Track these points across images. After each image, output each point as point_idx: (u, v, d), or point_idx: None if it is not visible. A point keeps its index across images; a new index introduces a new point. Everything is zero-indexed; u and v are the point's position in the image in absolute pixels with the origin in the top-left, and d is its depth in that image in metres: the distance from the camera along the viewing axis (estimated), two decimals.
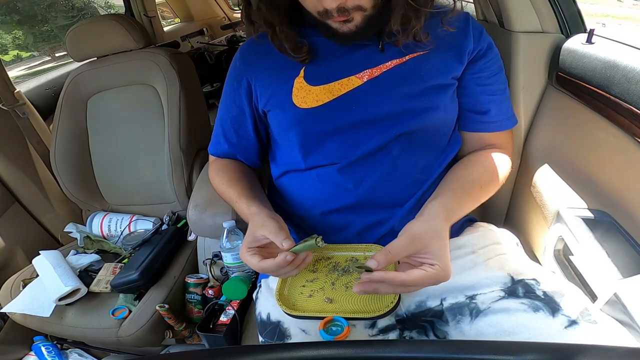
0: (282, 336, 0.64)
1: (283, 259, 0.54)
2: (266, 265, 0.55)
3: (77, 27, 1.24)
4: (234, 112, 0.75)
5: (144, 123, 1.29)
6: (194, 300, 1.06)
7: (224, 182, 0.74)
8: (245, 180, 0.73)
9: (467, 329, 0.58)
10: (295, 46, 0.65)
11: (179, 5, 3.20)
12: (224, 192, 0.74)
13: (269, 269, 0.56)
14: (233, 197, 0.70)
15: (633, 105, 0.59)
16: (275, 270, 0.56)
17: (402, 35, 0.61)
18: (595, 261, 0.62)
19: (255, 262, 0.56)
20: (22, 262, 1.33)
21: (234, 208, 0.71)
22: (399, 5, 0.57)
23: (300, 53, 0.65)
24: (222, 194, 0.75)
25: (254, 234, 0.59)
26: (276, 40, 0.66)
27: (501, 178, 0.67)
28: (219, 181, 0.75)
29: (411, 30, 0.60)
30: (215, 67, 2.59)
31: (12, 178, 1.38)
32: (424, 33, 0.61)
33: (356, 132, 0.66)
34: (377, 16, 0.60)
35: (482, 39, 0.66)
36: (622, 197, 0.64)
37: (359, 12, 0.58)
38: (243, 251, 0.58)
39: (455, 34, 0.65)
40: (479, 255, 0.66)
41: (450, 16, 0.62)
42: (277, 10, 0.62)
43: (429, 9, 0.59)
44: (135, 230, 1.26)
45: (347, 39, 0.62)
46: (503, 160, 0.68)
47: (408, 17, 0.59)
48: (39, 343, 1.14)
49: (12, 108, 1.39)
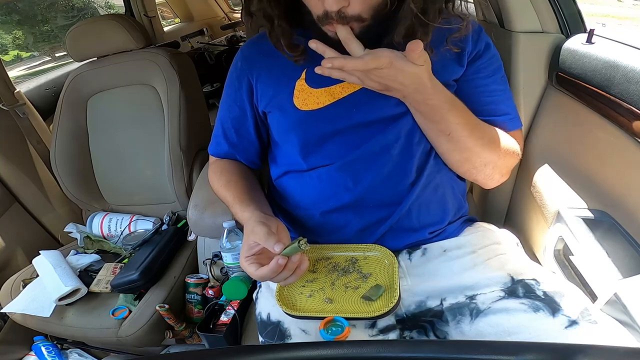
0: (282, 336, 0.63)
1: (275, 264, 0.54)
2: (263, 273, 0.55)
3: (77, 27, 1.24)
4: (235, 113, 0.75)
5: (144, 123, 1.29)
6: (194, 300, 1.06)
7: (222, 185, 0.74)
8: (243, 183, 0.73)
9: (467, 329, 0.58)
10: (290, 43, 0.64)
11: (179, 5, 3.20)
12: (222, 195, 0.74)
13: (266, 275, 0.56)
14: (230, 200, 0.71)
15: (633, 105, 0.59)
16: (272, 276, 0.56)
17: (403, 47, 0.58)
18: (595, 261, 0.62)
19: (253, 270, 0.57)
20: (22, 262, 1.33)
21: (231, 212, 0.71)
22: (407, 17, 0.55)
23: (295, 51, 0.64)
24: (220, 196, 0.76)
25: (247, 243, 0.59)
26: (273, 35, 0.65)
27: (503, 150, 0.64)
28: (218, 184, 0.75)
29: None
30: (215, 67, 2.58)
31: (12, 178, 1.38)
32: (430, 49, 0.58)
33: (356, 133, 0.66)
34: (376, 26, 0.58)
35: (480, 39, 0.66)
36: (622, 197, 0.64)
37: (357, 23, 0.56)
38: (242, 261, 0.59)
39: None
40: (479, 255, 0.66)
41: (457, 36, 0.59)
42: (278, 3, 0.62)
43: (438, 24, 0.56)
44: (135, 230, 1.26)
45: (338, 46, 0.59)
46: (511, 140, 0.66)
47: (414, 29, 0.56)
48: (39, 343, 1.14)
49: (12, 108, 1.39)
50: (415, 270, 0.67)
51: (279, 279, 0.57)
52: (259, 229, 0.58)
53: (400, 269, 0.66)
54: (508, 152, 0.65)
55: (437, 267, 0.66)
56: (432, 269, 0.66)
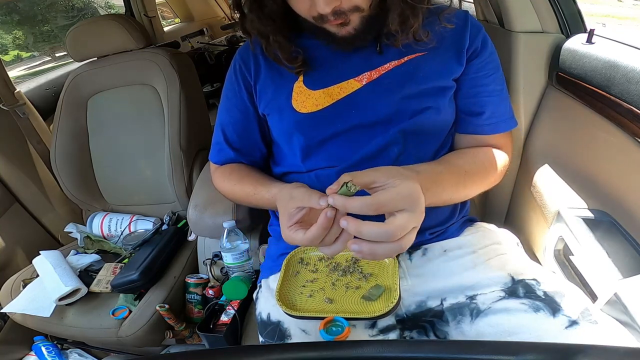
0: (283, 336, 0.63)
1: (325, 218, 0.47)
2: (313, 233, 0.48)
3: (77, 27, 1.24)
4: (236, 116, 0.73)
5: (144, 123, 1.29)
6: (194, 300, 1.06)
7: (236, 183, 0.72)
8: (258, 173, 0.72)
9: (468, 329, 0.58)
10: (289, 56, 0.64)
11: (179, 5, 3.19)
12: (238, 192, 0.72)
13: (317, 235, 0.48)
14: (250, 190, 0.68)
15: (633, 105, 0.59)
16: (323, 234, 0.48)
17: (402, 35, 0.60)
18: (595, 261, 0.62)
19: (301, 236, 0.50)
20: (22, 262, 1.33)
21: (254, 203, 0.69)
22: (395, 4, 0.57)
23: (294, 63, 0.64)
24: (236, 194, 0.73)
25: (287, 212, 0.53)
26: (270, 50, 0.65)
27: (493, 174, 0.65)
28: (229, 184, 0.73)
29: (410, 29, 0.60)
30: (215, 67, 2.58)
31: (12, 178, 1.38)
32: (424, 31, 0.61)
33: (355, 135, 0.65)
34: (375, 17, 0.59)
35: (478, 37, 0.65)
36: (622, 197, 0.64)
37: (356, 14, 0.57)
38: (284, 232, 0.53)
39: (454, 34, 0.64)
40: (480, 255, 0.65)
41: (448, 12, 0.62)
42: (270, 20, 0.62)
43: (426, 5, 0.58)
44: (135, 230, 1.26)
45: (346, 42, 0.61)
46: (498, 156, 0.67)
47: (405, 15, 0.58)
48: (39, 343, 1.14)
49: (12, 108, 1.39)
50: (416, 270, 0.67)
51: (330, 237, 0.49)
52: (297, 192, 0.54)
53: (401, 269, 0.66)
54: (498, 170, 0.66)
55: (437, 267, 0.66)
56: (432, 269, 0.66)
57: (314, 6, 0.55)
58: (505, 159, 0.68)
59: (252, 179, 0.70)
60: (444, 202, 0.62)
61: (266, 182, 0.67)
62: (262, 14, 0.61)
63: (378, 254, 0.45)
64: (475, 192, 0.65)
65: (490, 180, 0.66)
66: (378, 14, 0.59)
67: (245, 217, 0.93)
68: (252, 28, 0.64)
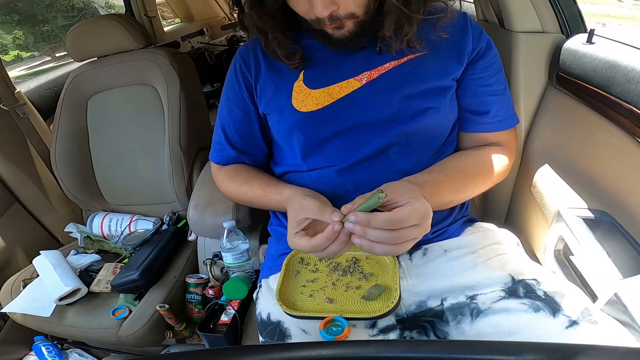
0: (283, 336, 0.63)
1: (331, 230, 0.50)
2: (317, 241, 0.51)
3: (77, 27, 1.24)
4: (238, 116, 0.73)
5: (144, 123, 1.29)
6: (194, 300, 1.06)
7: (242, 184, 0.71)
8: (264, 175, 0.72)
9: (468, 329, 0.58)
10: (287, 53, 0.65)
11: (179, 5, 3.19)
12: (245, 193, 0.71)
13: (320, 244, 0.51)
14: (258, 193, 0.68)
15: (633, 105, 0.59)
16: (326, 244, 0.51)
17: (396, 42, 0.61)
18: (595, 261, 0.62)
19: (305, 243, 0.52)
20: (22, 262, 1.33)
21: (262, 205, 0.69)
22: (392, 12, 0.57)
23: (293, 60, 0.65)
24: (242, 196, 0.73)
25: (296, 219, 0.55)
26: (269, 46, 0.65)
27: (495, 173, 0.66)
28: (235, 185, 0.73)
29: (404, 37, 0.60)
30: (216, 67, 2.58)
31: (12, 178, 1.38)
32: (418, 39, 0.61)
33: (356, 134, 0.65)
34: (370, 22, 0.60)
35: (481, 38, 0.66)
36: (622, 197, 0.64)
37: (351, 20, 0.58)
38: (290, 239, 0.55)
39: (454, 34, 0.64)
40: (480, 255, 0.66)
41: (444, 22, 0.62)
42: (269, 17, 0.62)
43: (422, 15, 0.59)
44: (135, 230, 1.26)
45: (340, 45, 0.62)
46: (499, 156, 0.68)
47: (401, 23, 0.58)
48: (39, 343, 1.14)
49: (13, 108, 1.39)
50: (416, 270, 0.67)
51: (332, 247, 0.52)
52: (308, 202, 0.55)
53: (401, 269, 0.66)
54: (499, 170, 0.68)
55: (437, 267, 0.66)
56: (432, 269, 0.66)
57: (312, 9, 0.56)
58: (506, 159, 0.69)
59: (260, 180, 0.70)
60: (444, 206, 0.64)
61: (275, 184, 0.68)
62: (261, 11, 0.62)
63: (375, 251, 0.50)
64: (478, 192, 0.66)
65: (494, 179, 0.67)
66: (374, 19, 0.60)
67: (245, 217, 0.93)
68: (251, 24, 0.64)
